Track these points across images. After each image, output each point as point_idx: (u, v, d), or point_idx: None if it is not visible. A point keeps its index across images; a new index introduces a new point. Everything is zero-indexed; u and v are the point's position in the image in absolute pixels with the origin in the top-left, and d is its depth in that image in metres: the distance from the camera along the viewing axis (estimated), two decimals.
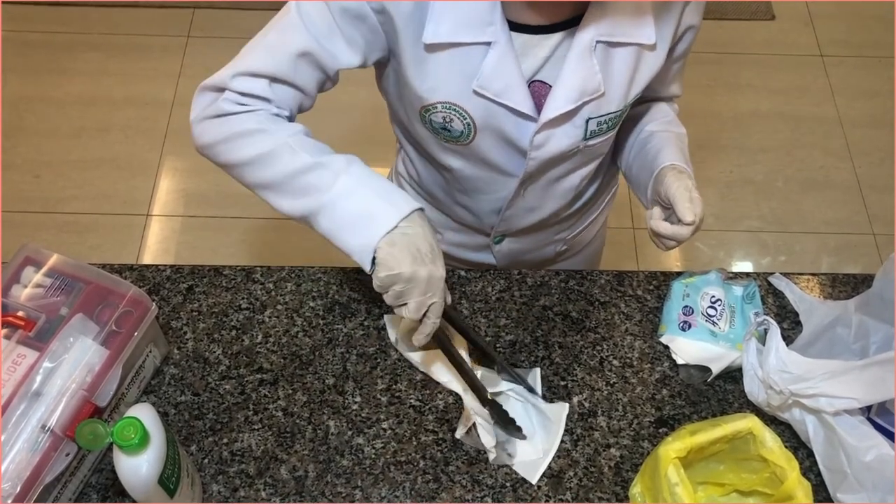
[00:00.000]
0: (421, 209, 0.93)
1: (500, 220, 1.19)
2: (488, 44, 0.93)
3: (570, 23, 0.95)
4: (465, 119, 1.00)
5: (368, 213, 0.91)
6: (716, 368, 1.12)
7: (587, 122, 1.01)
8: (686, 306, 1.15)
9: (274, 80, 0.96)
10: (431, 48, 0.94)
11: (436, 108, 0.99)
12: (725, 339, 1.13)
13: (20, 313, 0.98)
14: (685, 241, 1.03)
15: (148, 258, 2.34)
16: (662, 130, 1.14)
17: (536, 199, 1.15)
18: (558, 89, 0.97)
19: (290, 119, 1.00)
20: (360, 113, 2.00)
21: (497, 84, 0.96)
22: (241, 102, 0.96)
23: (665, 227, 1.03)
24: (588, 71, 0.96)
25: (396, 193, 0.93)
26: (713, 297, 1.16)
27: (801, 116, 2.73)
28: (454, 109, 0.99)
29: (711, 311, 1.15)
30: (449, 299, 0.97)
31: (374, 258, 0.90)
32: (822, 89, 2.80)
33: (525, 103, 0.98)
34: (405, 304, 0.91)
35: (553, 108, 0.98)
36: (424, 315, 0.93)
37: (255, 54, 0.96)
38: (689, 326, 1.13)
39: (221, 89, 0.96)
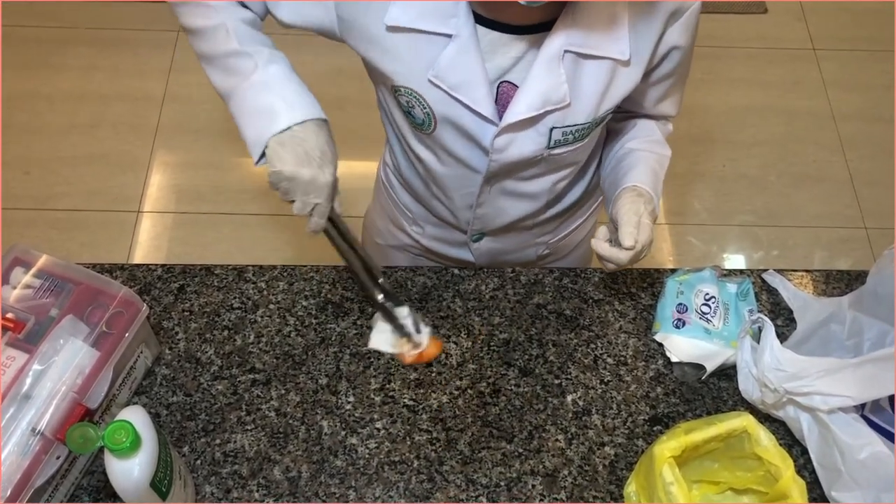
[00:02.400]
0: (323, 119, 0.97)
1: (474, 218, 1.18)
2: (449, 36, 0.93)
3: (543, 27, 0.93)
4: (425, 108, 1.00)
5: (269, 110, 0.95)
6: (710, 366, 1.12)
7: (551, 130, 1.00)
8: (680, 304, 1.15)
9: None
10: (392, 29, 0.94)
11: (399, 91, 1.00)
12: (720, 337, 1.12)
13: (9, 315, 0.97)
14: (625, 266, 1.02)
15: (139, 255, 2.33)
16: (641, 149, 1.12)
17: (507, 199, 1.14)
18: (522, 94, 0.96)
19: (242, 5, 1.02)
20: (350, 107, 1.99)
21: (453, 77, 0.95)
22: None
23: (603, 249, 1.02)
24: (554, 80, 0.95)
25: (301, 99, 0.97)
26: (707, 294, 1.16)
27: (794, 110, 2.73)
28: (414, 96, 0.99)
29: (705, 309, 1.15)
30: (339, 209, 1.00)
31: (264, 153, 0.95)
32: (815, 83, 2.80)
33: (484, 103, 0.97)
34: (292, 200, 0.96)
35: (514, 112, 0.97)
36: (311, 213, 0.97)
37: None
38: (684, 324, 1.13)
39: None
